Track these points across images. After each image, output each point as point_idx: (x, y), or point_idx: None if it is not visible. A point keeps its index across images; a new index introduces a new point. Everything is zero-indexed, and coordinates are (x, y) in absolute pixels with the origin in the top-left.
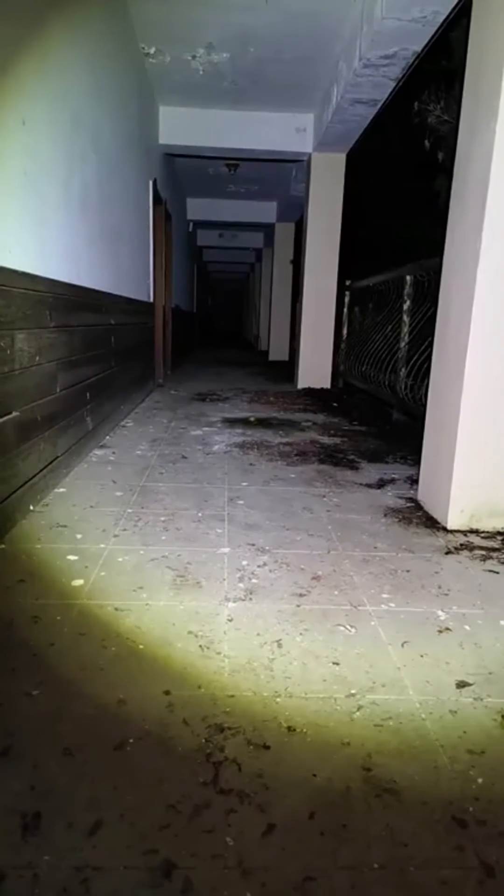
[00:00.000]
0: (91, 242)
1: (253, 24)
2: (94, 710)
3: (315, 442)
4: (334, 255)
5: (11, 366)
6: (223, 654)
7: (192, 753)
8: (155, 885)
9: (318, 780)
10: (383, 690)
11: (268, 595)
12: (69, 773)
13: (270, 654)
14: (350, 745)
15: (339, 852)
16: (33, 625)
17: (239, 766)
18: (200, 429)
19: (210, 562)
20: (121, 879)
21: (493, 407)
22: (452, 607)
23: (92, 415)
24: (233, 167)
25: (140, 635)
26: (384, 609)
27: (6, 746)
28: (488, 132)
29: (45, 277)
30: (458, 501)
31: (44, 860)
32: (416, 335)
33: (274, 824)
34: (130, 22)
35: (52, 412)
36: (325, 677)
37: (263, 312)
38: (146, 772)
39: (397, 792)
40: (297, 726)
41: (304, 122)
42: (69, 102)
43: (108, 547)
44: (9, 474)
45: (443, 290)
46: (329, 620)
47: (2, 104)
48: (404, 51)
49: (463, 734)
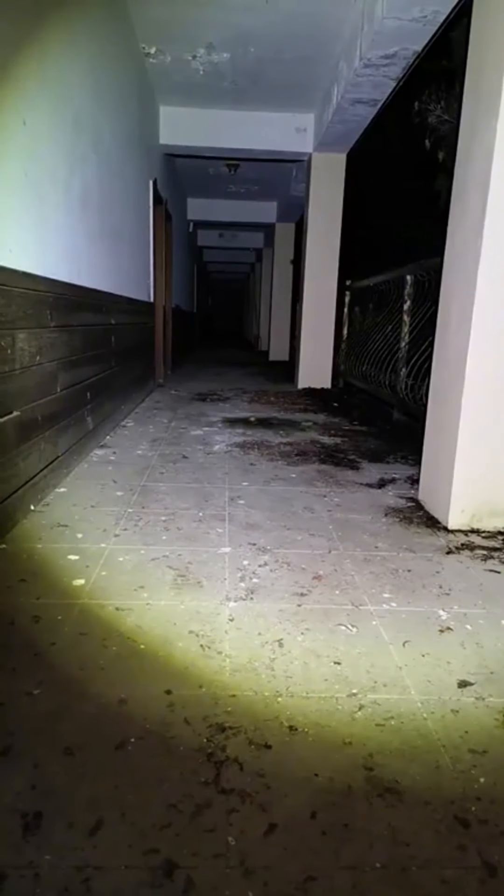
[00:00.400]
0: (91, 242)
1: (253, 24)
2: (95, 709)
3: (315, 442)
4: (334, 255)
5: (12, 365)
6: (224, 654)
7: (193, 753)
8: (156, 885)
9: (319, 780)
10: (385, 690)
11: (269, 594)
12: (70, 773)
13: (272, 654)
14: (352, 745)
15: (341, 852)
16: (34, 624)
17: (240, 765)
18: (201, 429)
19: (211, 561)
20: (122, 879)
21: (493, 407)
22: (454, 607)
23: (92, 414)
24: (233, 167)
25: (141, 635)
26: (385, 608)
27: (7, 746)
28: (489, 131)
29: (46, 277)
30: (459, 501)
31: (45, 860)
32: (416, 335)
33: (275, 824)
34: (131, 22)
35: (53, 412)
36: (327, 677)
37: (263, 312)
38: (147, 771)
39: (399, 792)
40: (299, 726)
41: (304, 122)
42: (70, 103)
43: (109, 546)
44: (10, 474)
45: (443, 290)
46: (330, 620)
47: (2, 105)
48: (405, 50)
49: (465, 734)
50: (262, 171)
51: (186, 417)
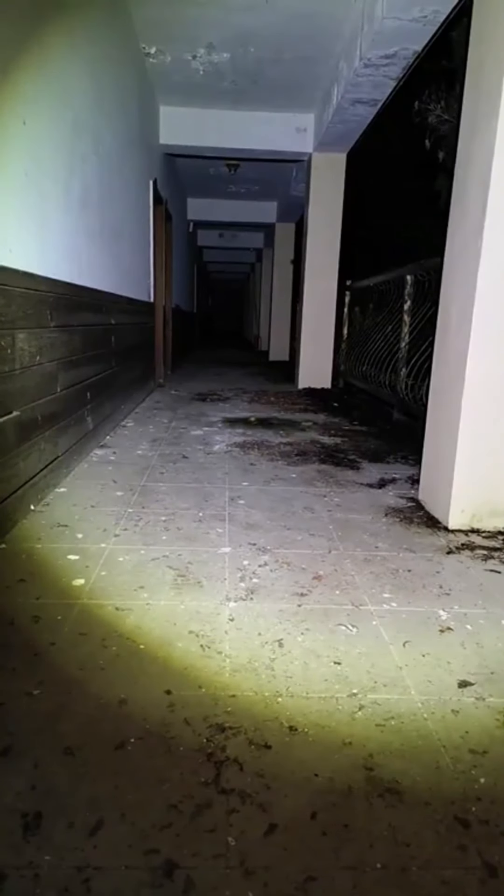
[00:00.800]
0: (91, 242)
1: (253, 23)
2: (95, 709)
3: (315, 442)
4: (335, 255)
5: (12, 365)
6: (224, 654)
7: (193, 753)
8: (156, 885)
9: (319, 780)
10: (385, 690)
11: (269, 595)
12: (70, 773)
13: (272, 654)
14: (352, 745)
15: (341, 852)
16: (34, 624)
17: (240, 765)
18: (201, 429)
19: (211, 561)
20: (122, 879)
21: (494, 407)
22: (454, 607)
23: (92, 414)
24: (233, 167)
25: (141, 635)
26: (385, 609)
27: (7, 746)
28: (489, 131)
29: (46, 277)
30: (459, 501)
31: (45, 860)
32: (416, 335)
33: (276, 824)
34: (131, 22)
35: (53, 412)
36: (327, 677)
37: (263, 313)
38: (147, 771)
39: (399, 792)
40: (299, 726)
41: (304, 122)
42: (70, 103)
43: (109, 546)
44: (9, 474)
45: (443, 291)
46: (330, 620)
47: (2, 105)
48: (405, 50)
49: (465, 734)
50: (263, 171)
51: (186, 417)
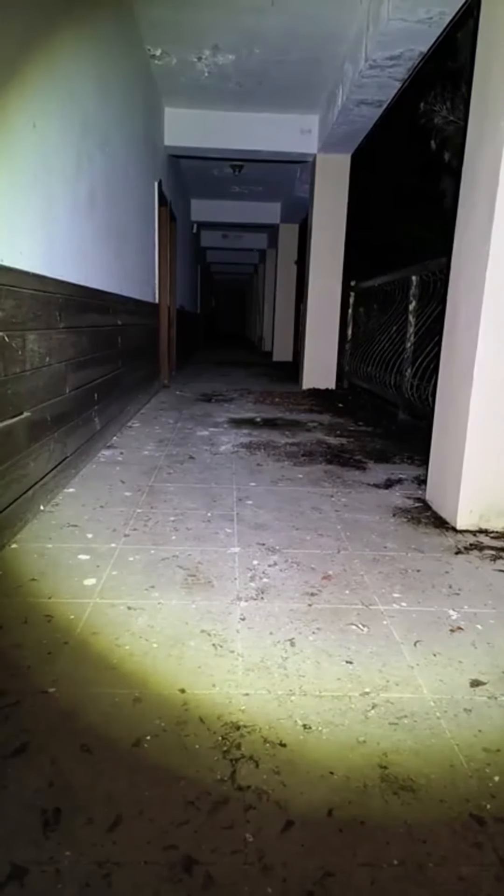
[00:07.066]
0: (98, 244)
1: (258, 25)
2: (110, 707)
3: (321, 442)
4: (339, 256)
5: (23, 366)
6: (237, 653)
7: (208, 751)
8: (176, 881)
9: (335, 778)
10: (397, 689)
11: (279, 594)
12: (87, 770)
13: (283, 653)
14: (366, 744)
15: (358, 849)
16: (47, 623)
17: (256, 763)
18: (207, 429)
19: (221, 561)
20: (142, 874)
21: (502, 407)
22: (464, 607)
23: (100, 415)
24: (237, 168)
25: (153, 634)
26: (396, 608)
27: (24, 743)
28: (497, 132)
29: (55, 278)
30: (467, 501)
31: (65, 855)
32: (421, 336)
33: (292, 821)
34: (137, 24)
35: (62, 412)
36: (339, 676)
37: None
38: (163, 769)
39: (414, 790)
40: (313, 724)
41: (309, 123)
42: (78, 105)
43: (119, 546)
44: (20, 474)
45: (450, 292)
46: (341, 619)
47: (13, 108)
48: (410, 52)
49: (478, 733)
50: (267, 172)
51: (192, 418)
